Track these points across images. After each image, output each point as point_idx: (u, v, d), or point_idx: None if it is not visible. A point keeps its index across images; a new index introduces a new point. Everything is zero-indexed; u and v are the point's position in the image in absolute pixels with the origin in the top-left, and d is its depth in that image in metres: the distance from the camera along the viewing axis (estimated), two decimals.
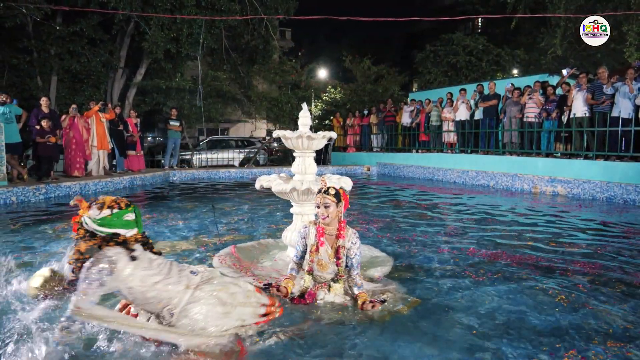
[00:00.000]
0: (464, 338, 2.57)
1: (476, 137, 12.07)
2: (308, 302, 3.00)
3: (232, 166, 15.37)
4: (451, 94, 13.07)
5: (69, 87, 13.90)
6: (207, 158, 16.08)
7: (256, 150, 16.82)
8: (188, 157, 15.41)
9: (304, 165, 4.01)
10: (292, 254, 3.32)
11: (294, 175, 4.12)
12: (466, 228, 5.77)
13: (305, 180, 3.89)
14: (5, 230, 5.54)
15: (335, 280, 3.13)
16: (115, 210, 2.31)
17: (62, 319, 2.20)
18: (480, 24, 30.34)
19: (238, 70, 16.45)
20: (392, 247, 4.62)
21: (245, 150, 17.12)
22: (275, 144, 19.68)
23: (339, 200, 3.05)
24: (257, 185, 3.98)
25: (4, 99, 8.40)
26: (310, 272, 3.16)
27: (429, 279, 3.62)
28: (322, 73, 26.00)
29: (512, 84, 11.34)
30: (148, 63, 14.86)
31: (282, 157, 17.81)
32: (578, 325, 2.74)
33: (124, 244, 2.34)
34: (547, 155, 10.09)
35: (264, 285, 3.15)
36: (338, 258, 3.09)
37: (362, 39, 29.99)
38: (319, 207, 3.05)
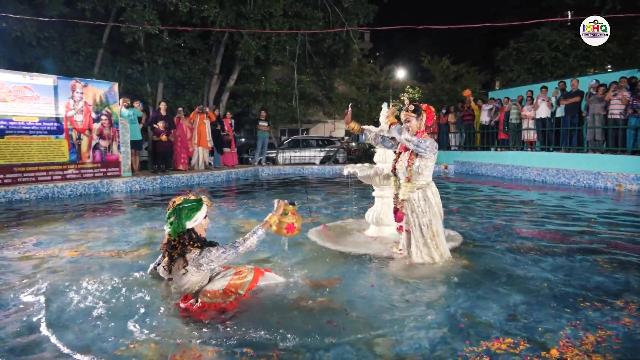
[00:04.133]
0: (513, 290, 3.15)
1: (557, 134, 11.95)
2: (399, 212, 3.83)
3: (313, 164, 16.40)
4: (531, 92, 13.00)
5: (173, 92, 15.74)
6: (290, 156, 17.27)
7: (336, 149, 17.73)
8: (273, 155, 16.69)
9: (385, 155, 4.73)
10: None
11: (376, 164, 4.85)
12: (537, 218, 6.12)
13: (386, 167, 4.60)
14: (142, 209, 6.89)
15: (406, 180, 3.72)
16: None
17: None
18: (569, 16, 28.78)
19: (320, 73, 17.43)
20: (463, 229, 5.18)
21: (326, 149, 18.10)
22: (354, 144, 20.49)
23: (418, 115, 3.63)
24: (345, 172, 4.77)
25: (129, 102, 10.02)
26: (394, 170, 3.81)
27: (492, 253, 4.19)
28: (401, 73, 26.27)
29: (597, 81, 11.10)
30: (240, 69, 16.33)
31: (360, 156, 18.55)
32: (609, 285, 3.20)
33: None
34: (633, 152, 9.84)
35: None
36: (410, 159, 3.65)
37: (441, 38, 29.67)
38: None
